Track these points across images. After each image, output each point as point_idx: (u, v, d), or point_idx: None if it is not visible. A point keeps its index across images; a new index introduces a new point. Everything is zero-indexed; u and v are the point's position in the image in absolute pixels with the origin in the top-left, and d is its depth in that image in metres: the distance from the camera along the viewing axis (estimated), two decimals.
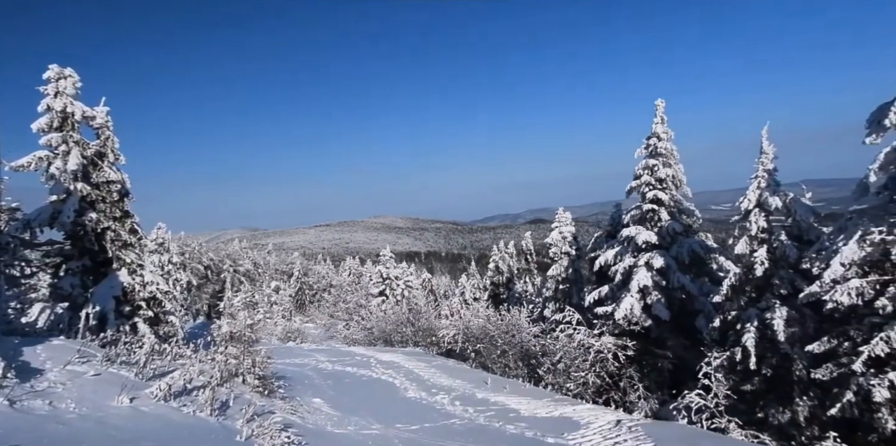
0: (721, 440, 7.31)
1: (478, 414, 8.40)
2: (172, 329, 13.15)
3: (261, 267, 49.54)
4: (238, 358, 7.14)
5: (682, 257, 13.47)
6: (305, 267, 49.70)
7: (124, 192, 12.87)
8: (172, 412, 5.06)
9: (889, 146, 8.13)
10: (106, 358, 6.16)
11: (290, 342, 22.54)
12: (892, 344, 7.57)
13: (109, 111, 12.74)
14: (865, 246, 8.04)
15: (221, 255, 46.27)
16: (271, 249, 60.52)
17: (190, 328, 30.27)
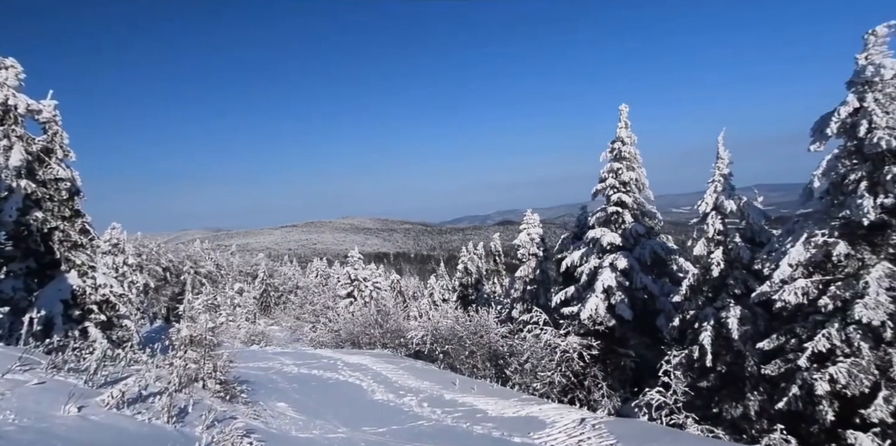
0: (678, 435, 7.57)
1: (445, 416, 8.40)
2: (127, 333, 12.54)
3: (224, 268, 47.99)
4: (198, 362, 6.87)
5: (644, 258, 13.90)
6: (271, 268, 48.45)
7: (74, 191, 12.19)
8: (125, 420, 4.81)
9: (830, 154, 8.65)
10: (52, 365, 5.80)
11: (253, 345, 21.91)
12: (833, 341, 8.04)
13: (58, 105, 12.05)
14: (810, 247, 8.52)
15: (181, 257, 44.54)
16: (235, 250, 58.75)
17: (147, 332, 29.00)
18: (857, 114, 8.26)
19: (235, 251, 58.39)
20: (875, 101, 8.10)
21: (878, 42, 8.16)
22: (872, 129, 8.05)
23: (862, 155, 8.31)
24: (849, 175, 8.39)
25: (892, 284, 7.79)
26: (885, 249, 8.16)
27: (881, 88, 8.11)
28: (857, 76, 8.26)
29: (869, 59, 8.15)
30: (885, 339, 7.83)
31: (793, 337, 8.86)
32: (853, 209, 8.01)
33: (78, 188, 12.28)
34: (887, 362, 7.68)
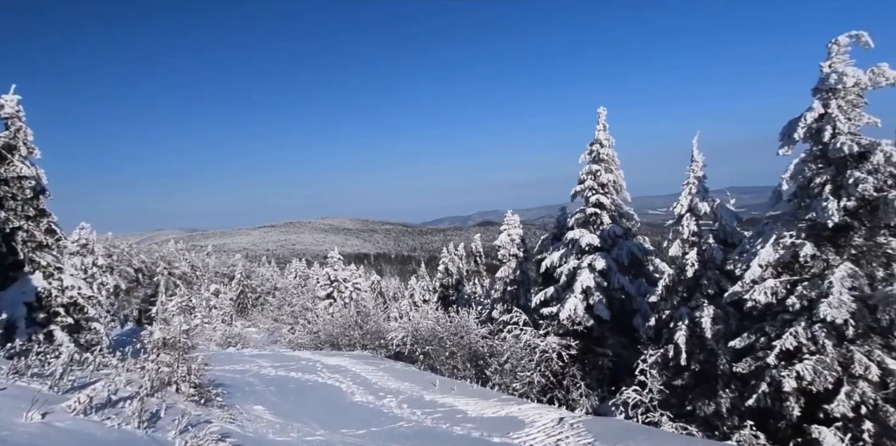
0: (654, 433, 7.72)
1: (425, 417, 8.38)
2: (96, 337, 12.13)
3: (199, 269, 46.89)
4: (171, 365, 6.70)
5: (621, 259, 14.14)
6: (248, 269, 47.57)
7: (39, 189, 11.74)
8: (93, 426, 4.65)
9: (798, 157, 8.96)
10: (13, 370, 5.57)
11: (230, 347, 21.47)
12: (800, 339, 8.32)
13: (21, 100, 11.60)
14: (779, 249, 8.80)
15: (155, 257, 43.35)
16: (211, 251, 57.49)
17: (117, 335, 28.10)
18: (821, 120, 8.57)
19: (211, 252, 57.15)
20: (838, 108, 8.42)
21: (840, 51, 8.49)
22: (836, 135, 8.37)
23: (827, 159, 8.63)
24: (815, 178, 8.70)
25: (854, 284, 8.11)
26: (848, 250, 8.49)
27: (843, 95, 8.43)
28: (822, 83, 8.58)
29: (832, 68, 8.47)
30: (848, 337, 8.14)
31: (762, 335, 9.12)
32: (819, 211, 8.31)
33: (43, 187, 11.84)
34: (849, 359, 7.98)
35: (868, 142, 8.14)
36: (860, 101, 8.47)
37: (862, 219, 8.33)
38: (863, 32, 8.25)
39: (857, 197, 8.10)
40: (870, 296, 8.03)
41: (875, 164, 8.05)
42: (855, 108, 8.46)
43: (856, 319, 8.00)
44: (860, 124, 8.44)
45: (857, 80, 8.25)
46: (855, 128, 8.43)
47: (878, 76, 8.19)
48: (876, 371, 7.69)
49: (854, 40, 8.34)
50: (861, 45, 8.30)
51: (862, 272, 8.20)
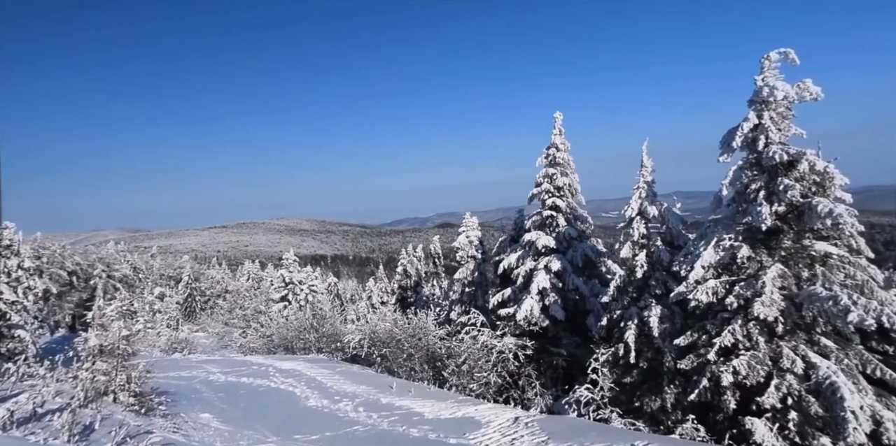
0: (604, 429, 8.00)
1: (381, 420, 8.30)
2: (21, 345, 11.22)
3: (142, 272, 44.28)
4: (109, 374, 6.29)
5: (576, 261, 14.55)
6: (197, 271, 45.41)
7: None
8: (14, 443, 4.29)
9: (736, 165, 9.56)
10: None
11: (175, 353, 20.40)
12: (736, 336, 8.86)
13: None
14: (719, 251, 9.35)
15: (91, 259, 40.53)
16: (156, 252, 54.43)
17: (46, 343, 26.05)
18: (756, 130, 9.19)
19: (156, 253, 54.11)
20: (770, 119, 9.06)
21: (771, 66, 9.14)
22: (768, 144, 9.00)
23: (761, 167, 9.25)
24: (750, 184, 9.31)
25: (784, 284, 8.73)
26: (779, 252, 9.14)
27: (775, 108, 9.09)
28: (756, 95, 9.20)
29: (765, 81, 9.11)
30: (777, 333, 8.75)
31: (704, 333, 9.64)
32: (754, 216, 8.89)
33: None
34: (779, 354, 8.57)
35: (795, 151, 8.81)
36: (789, 114, 9.16)
37: (790, 223, 8.99)
38: (790, 50, 8.93)
39: (787, 202, 8.73)
40: (796, 294, 8.67)
41: (801, 172, 8.72)
42: (784, 120, 9.14)
43: (784, 316, 8.61)
44: (789, 135, 9.11)
45: (786, 94, 8.91)
46: (784, 138, 9.10)
47: (804, 91, 8.89)
48: (801, 364, 8.29)
49: (783, 56, 9.01)
50: (789, 61, 8.98)
51: (790, 272, 8.84)
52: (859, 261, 8.60)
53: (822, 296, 8.12)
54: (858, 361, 8.41)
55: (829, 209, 8.08)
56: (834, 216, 8.01)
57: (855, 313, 7.66)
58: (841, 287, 8.31)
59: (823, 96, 8.82)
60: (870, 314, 7.69)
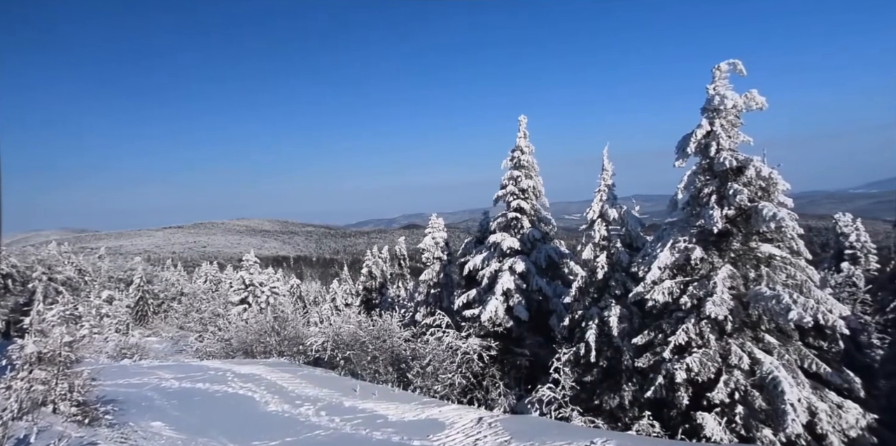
0: (565, 428, 8.18)
1: (344, 424, 8.17)
2: None
3: (88, 274, 41.81)
4: (48, 383, 5.90)
5: (540, 262, 14.81)
6: (150, 273, 43.34)
7: None
8: None
9: (690, 169, 10.00)
10: None
11: (125, 360, 19.38)
12: (690, 334, 9.25)
13: None
14: (675, 252, 9.75)
15: (30, 261, 37.92)
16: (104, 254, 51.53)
17: None
18: (708, 137, 9.65)
19: (105, 254, 51.22)
20: (721, 127, 9.54)
21: (722, 76, 9.64)
22: (719, 150, 9.47)
23: (712, 172, 9.72)
24: (703, 189, 9.77)
25: (733, 284, 9.19)
26: (729, 254, 9.62)
27: (725, 116, 9.58)
28: (708, 104, 9.68)
29: (716, 90, 9.59)
30: (727, 331, 9.20)
31: (660, 332, 10.00)
32: (706, 219, 9.33)
33: None
34: (727, 351, 9.02)
35: (744, 157, 9.31)
36: (738, 122, 9.67)
37: (739, 226, 9.48)
38: (738, 61, 9.44)
39: (736, 206, 9.21)
40: (744, 294, 9.15)
41: (749, 178, 9.22)
42: (734, 127, 9.64)
43: (733, 315, 9.06)
44: (738, 142, 9.62)
45: (735, 103, 9.42)
46: (734, 145, 9.59)
47: (751, 100, 9.42)
48: (747, 360, 8.75)
49: (732, 67, 9.51)
50: (737, 72, 9.48)
51: (739, 273, 9.32)
52: (799, 262, 9.16)
53: (766, 295, 8.60)
54: (797, 356, 8.95)
55: (773, 213, 8.58)
56: (777, 219, 8.51)
57: (795, 311, 8.16)
58: (783, 287, 8.83)
59: (768, 106, 9.37)
60: (808, 312, 8.21)
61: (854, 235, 22.28)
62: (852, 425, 8.55)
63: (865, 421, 8.64)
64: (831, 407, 8.67)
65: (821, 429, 8.42)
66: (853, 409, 8.71)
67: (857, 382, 8.92)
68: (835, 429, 8.47)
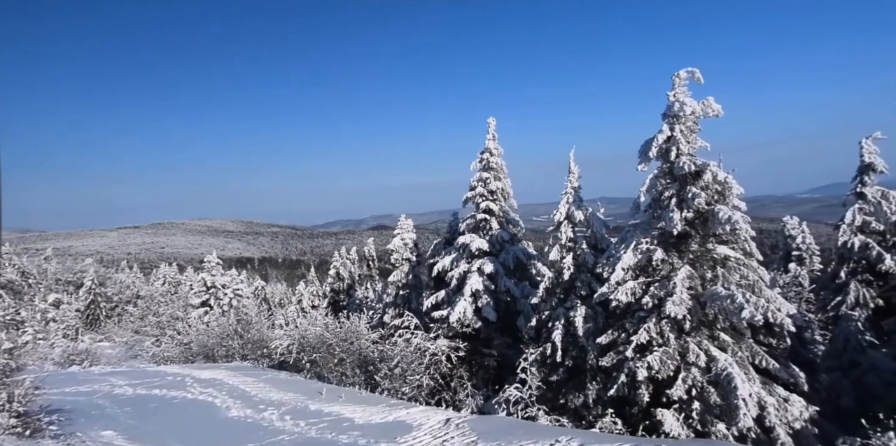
0: (531, 427, 8.28)
1: (309, 427, 8.01)
2: None
3: (33, 276, 39.40)
4: None
5: (508, 263, 14.98)
6: (102, 275, 41.21)
7: None
8: None
9: (652, 173, 10.36)
10: None
11: (73, 366, 18.36)
12: (651, 333, 9.57)
13: None
14: (637, 254, 10.07)
15: None
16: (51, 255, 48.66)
17: None
18: (669, 142, 10.02)
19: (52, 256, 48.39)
20: (681, 132, 9.93)
21: (681, 83, 10.03)
22: (679, 155, 9.85)
23: (673, 176, 10.10)
24: (664, 192, 10.13)
25: (691, 284, 9.57)
26: (688, 255, 10.01)
27: (684, 122, 9.97)
28: (669, 110, 10.06)
29: (676, 97, 9.98)
30: (685, 330, 9.57)
31: (623, 331, 10.29)
32: (667, 221, 9.68)
33: None
34: (686, 349, 9.38)
35: (701, 162, 9.73)
36: (696, 128, 10.09)
37: (697, 229, 9.89)
38: (695, 69, 9.86)
39: (694, 209, 9.60)
40: (701, 294, 9.54)
41: (706, 182, 9.63)
42: (692, 133, 10.05)
43: (691, 314, 9.43)
44: (696, 147, 10.03)
45: (693, 110, 9.83)
46: (692, 150, 10.00)
47: (707, 108, 9.86)
48: (704, 358, 9.12)
49: (691, 75, 9.92)
50: (695, 80, 9.90)
51: (697, 274, 9.71)
52: (752, 263, 9.63)
53: (721, 294, 9.00)
54: (749, 353, 9.40)
55: (728, 216, 8.99)
56: (732, 222, 8.92)
57: (747, 310, 8.57)
58: (737, 287, 9.26)
59: (723, 113, 9.83)
60: (759, 311, 8.64)
61: (800, 238, 23.65)
62: (797, 417, 9.04)
63: (808, 413, 9.16)
64: (779, 401, 9.14)
65: (769, 422, 8.86)
66: (798, 402, 9.21)
67: (801, 377, 9.46)
68: (781, 422, 8.93)
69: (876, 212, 14.57)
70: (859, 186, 14.77)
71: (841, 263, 15.14)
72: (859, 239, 14.48)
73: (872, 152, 14.45)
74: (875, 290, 14.46)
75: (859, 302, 14.44)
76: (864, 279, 14.68)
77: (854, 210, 14.74)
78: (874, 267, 14.39)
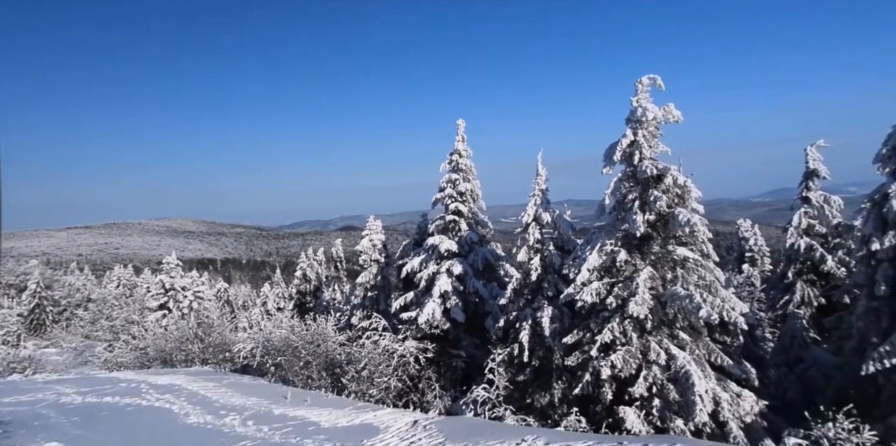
0: (498, 427, 8.34)
1: (273, 433, 7.80)
2: None
3: None
4: None
5: (477, 264, 15.07)
6: (49, 278, 38.98)
7: None
8: None
9: (616, 176, 10.67)
10: None
11: (14, 375, 17.23)
12: (614, 333, 9.83)
13: None
14: (602, 255, 10.33)
15: None
16: None
17: None
18: (632, 146, 10.34)
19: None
20: (643, 137, 10.27)
21: (643, 89, 10.39)
22: (642, 159, 10.18)
23: (636, 179, 10.43)
24: (628, 195, 10.44)
25: (653, 284, 9.90)
26: (650, 256, 10.35)
27: (647, 127, 10.32)
28: (632, 115, 10.39)
29: (639, 103, 10.32)
30: (647, 329, 9.88)
31: (588, 331, 10.51)
32: (630, 223, 9.98)
33: None
34: (647, 347, 9.68)
35: (663, 166, 10.09)
36: (657, 133, 10.45)
37: (658, 231, 10.23)
38: (656, 76, 10.23)
39: (656, 211, 9.93)
40: (662, 294, 9.88)
41: (667, 185, 9.99)
42: (654, 138, 10.42)
43: (653, 314, 9.74)
44: (658, 151, 10.40)
45: (655, 115, 10.19)
46: (654, 154, 10.36)
47: (668, 113, 10.24)
48: (664, 356, 9.44)
49: (652, 82, 10.29)
50: (657, 86, 10.28)
51: (658, 274, 10.05)
52: (709, 264, 10.05)
53: (681, 294, 9.34)
54: (706, 351, 9.79)
55: (688, 218, 9.35)
56: (691, 224, 9.29)
57: (704, 309, 8.94)
58: (695, 287, 9.63)
59: (683, 119, 10.24)
60: (715, 310, 9.03)
61: (752, 240, 24.89)
62: (748, 411, 9.48)
63: (758, 407, 9.61)
64: (732, 397, 9.55)
65: (723, 417, 9.25)
66: (749, 397, 9.65)
67: (752, 372, 9.92)
68: (734, 416, 9.34)
69: (819, 216, 15.49)
70: (805, 191, 15.69)
71: (788, 264, 16.01)
72: (805, 241, 15.36)
73: (816, 159, 15.37)
74: (818, 290, 15.38)
75: (804, 300, 15.32)
76: (809, 279, 15.58)
77: (800, 213, 15.63)
78: (818, 267, 15.30)
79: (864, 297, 10.86)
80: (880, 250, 10.06)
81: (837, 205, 15.35)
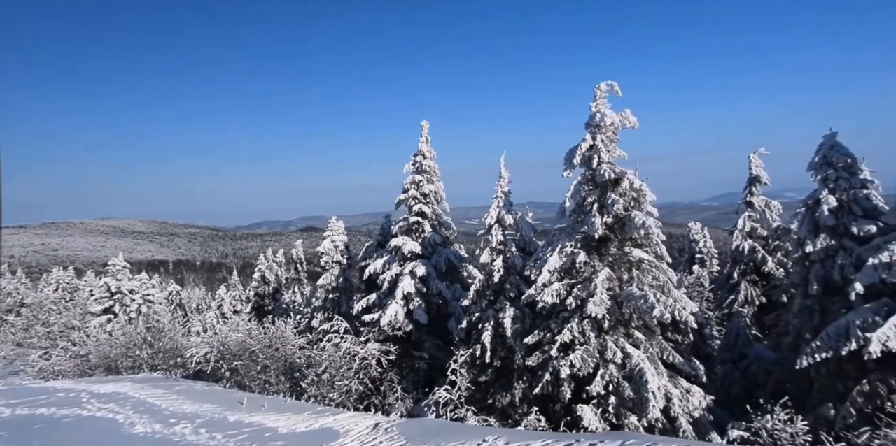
0: (459, 428, 8.36)
1: (227, 440, 7.51)
2: None
3: None
4: None
5: (440, 266, 15.08)
6: None
7: None
8: None
9: (576, 180, 10.95)
10: None
11: None
12: (574, 333, 10.07)
13: None
14: (562, 256, 10.57)
15: None
16: None
17: None
18: (591, 150, 10.66)
19: None
20: (602, 141, 10.60)
21: (602, 95, 10.73)
22: (601, 163, 10.51)
23: (595, 182, 10.75)
24: (587, 198, 10.74)
25: (610, 285, 10.22)
26: (607, 258, 10.68)
27: (605, 132, 10.66)
28: (591, 120, 10.71)
29: (597, 108, 10.65)
30: (604, 329, 10.18)
31: (549, 331, 10.72)
32: (589, 225, 10.27)
33: None
34: (604, 347, 9.98)
35: (620, 170, 10.45)
36: (615, 138, 10.82)
37: (616, 233, 10.58)
38: (614, 82, 10.60)
39: (614, 214, 10.27)
40: (619, 294, 10.21)
41: (624, 189, 10.35)
42: (612, 143, 10.78)
43: (610, 314, 10.05)
44: (616, 156, 10.75)
45: (613, 121, 10.55)
46: (612, 158, 10.72)
47: (625, 119, 10.63)
48: (620, 355, 9.76)
49: (610, 88, 10.65)
50: (614, 92, 10.65)
51: (615, 275, 10.38)
52: (662, 265, 10.47)
53: (636, 295, 9.69)
54: (659, 349, 10.19)
55: (643, 221, 9.72)
56: (646, 227, 9.66)
57: (658, 309, 9.30)
58: (649, 287, 10.01)
59: (639, 125, 10.64)
60: (667, 309, 9.41)
61: (702, 242, 26.20)
62: (696, 407, 9.93)
63: (706, 402, 10.08)
64: (682, 393, 9.98)
65: (673, 413, 9.65)
66: (698, 393, 10.12)
67: (701, 369, 10.40)
68: (684, 412, 9.76)
69: (762, 220, 16.50)
70: (749, 196, 16.65)
71: (734, 265, 16.94)
72: (748, 243, 16.30)
73: (758, 166, 16.35)
74: (760, 289, 16.35)
75: (748, 300, 16.24)
76: (752, 279, 16.54)
77: (744, 217, 16.58)
78: (759, 268, 16.26)
79: (800, 296, 11.61)
80: (813, 252, 10.79)
81: (777, 209, 16.39)
